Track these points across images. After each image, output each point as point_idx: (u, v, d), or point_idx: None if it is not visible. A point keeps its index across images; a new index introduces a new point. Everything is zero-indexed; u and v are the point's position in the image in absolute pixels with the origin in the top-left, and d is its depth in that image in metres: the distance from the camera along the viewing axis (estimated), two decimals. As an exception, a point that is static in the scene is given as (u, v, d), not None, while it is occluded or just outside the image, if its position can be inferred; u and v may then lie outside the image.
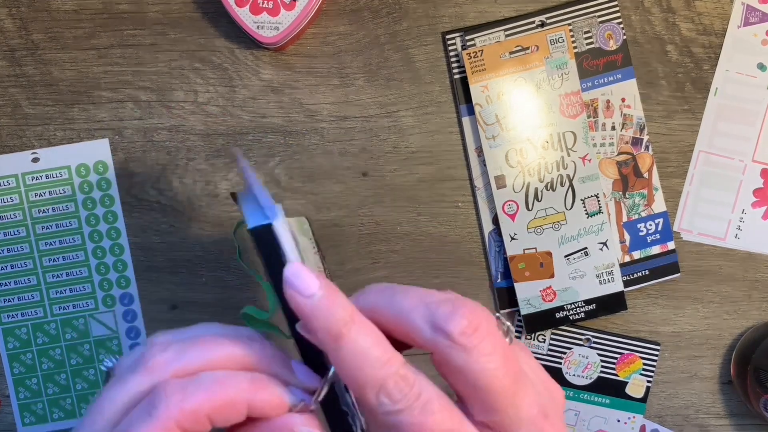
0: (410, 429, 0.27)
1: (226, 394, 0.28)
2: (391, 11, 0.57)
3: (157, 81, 0.57)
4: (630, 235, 0.57)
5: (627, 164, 0.57)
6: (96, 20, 0.56)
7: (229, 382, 0.28)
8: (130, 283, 0.57)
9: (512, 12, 0.56)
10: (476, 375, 0.27)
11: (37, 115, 0.57)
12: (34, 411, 0.58)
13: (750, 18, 0.57)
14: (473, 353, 0.27)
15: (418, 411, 0.27)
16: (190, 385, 0.28)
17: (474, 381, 0.27)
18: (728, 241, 0.57)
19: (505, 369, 0.27)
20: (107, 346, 0.57)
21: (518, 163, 0.56)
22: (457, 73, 0.57)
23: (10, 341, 0.57)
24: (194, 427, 0.28)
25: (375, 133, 0.57)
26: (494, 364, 0.27)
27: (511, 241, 0.56)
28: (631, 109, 0.56)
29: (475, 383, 0.27)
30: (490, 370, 0.27)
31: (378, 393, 0.27)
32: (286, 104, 0.57)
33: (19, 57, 0.57)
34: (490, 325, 0.28)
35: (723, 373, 0.58)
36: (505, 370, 0.27)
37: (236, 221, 0.57)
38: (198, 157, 0.57)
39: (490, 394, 0.27)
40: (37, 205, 0.57)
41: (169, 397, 0.27)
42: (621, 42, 0.56)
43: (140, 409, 0.28)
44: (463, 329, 0.27)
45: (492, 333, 0.28)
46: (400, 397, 0.27)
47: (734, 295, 0.57)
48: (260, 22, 0.53)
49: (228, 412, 0.28)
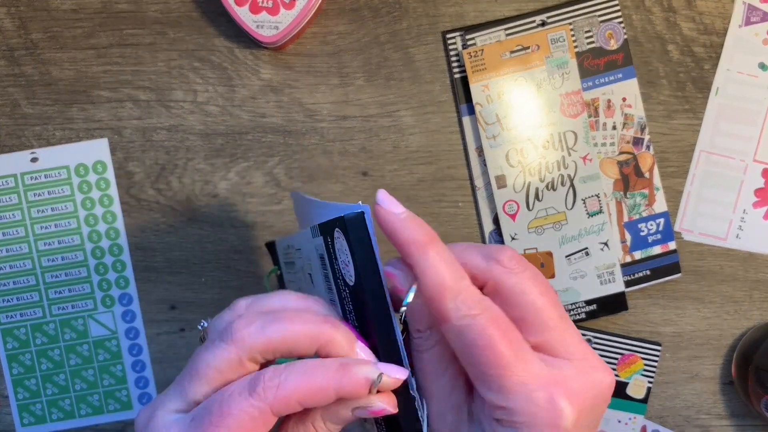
0: (479, 332, 0.31)
1: (317, 381, 0.31)
2: (391, 10, 0.56)
3: (156, 80, 0.56)
4: (631, 235, 0.57)
5: (628, 164, 0.57)
6: (95, 19, 0.56)
7: (319, 371, 0.32)
8: (129, 284, 0.57)
9: (513, 11, 0.56)
10: (527, 293, 0.32)
11: (36, 114, 0.57)
12: (33, 411, 0.58)
13: (751, 17, 0.56)
14: (522, 275, 0.32)
15: (486, 319, 0.31)
16: (285, 374, 0.31)
17: (526, 298, 0.32)
18: (729, 241, 0.57)
19: (551, 292, 0.33)
20: (106, 346, 0.57)
21: (519, 162, 0.56)
22: (457, 72, 0.56)
23: (9, 341, 0.57)
24: (286, 410, 0.31)
25: (375, 133, 0.57)
26: (540, 283, 0.32)
27: (511, 241, 0.56)
28: (632, 108, 0.56)
29: (526, 301, 0.32)
30: (539, 287, 0.32)
31: (456, 299, 0.31)
32: (285, 104, 0.57)
33: (18, 56, 0.56)
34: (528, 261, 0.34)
35: (724, 374, 0.57)
36: (552, 293, 0.33)
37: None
38: (197, 157, 0.57)
39: (542, 310, 0.32)
40: (35, 205, 0.57)
41: (267, 381, 0.31)
42: (622, 41, 0.56)
43: (241, 385, 0.32)
44: (510, 256, 0.33)
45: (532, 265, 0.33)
46: (473, 304, 0.31)
47: (735, 295, 0.57)
48: (260, 21, 0.53)
49: (318, 397, 0.31)
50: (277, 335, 0.32)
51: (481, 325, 0.31)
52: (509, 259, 0.33)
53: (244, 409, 0.31)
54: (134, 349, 0.57)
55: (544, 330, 0.32)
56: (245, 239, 0.57)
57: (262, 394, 0.31)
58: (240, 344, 0.32)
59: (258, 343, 0.32)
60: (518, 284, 0.32)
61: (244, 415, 0.31)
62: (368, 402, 0.32)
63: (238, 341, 0.32)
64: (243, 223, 0.57)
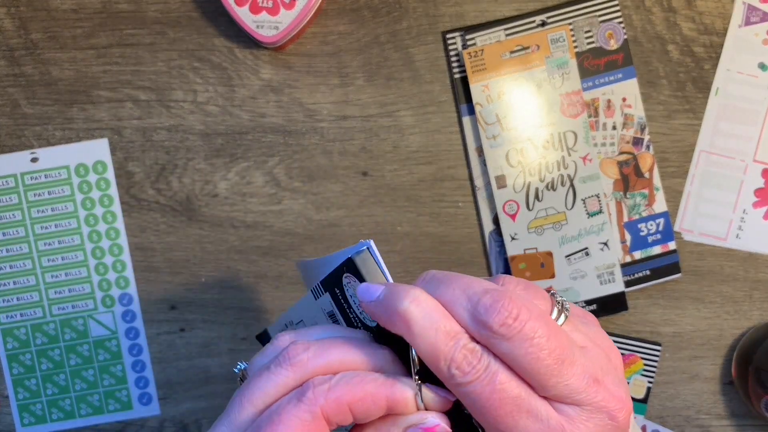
0: (480, 398, 0.29)
1: (367, 387, 0.31)
2: (391, 10, 0.56)
3: (156, 80, 0.56)
4: (631, 235, 0.57)
5: (628, 164, 0.57)
6: (95, 19, 0.56)
7: (369, 378, 0.31)
8: (129, 284, 0.57)
9: (513, 11, 0.56)
10: (520, 360, 0.29)
11: (36, 114, 0.57)
12: (33, 411, 0.58)
13: (751, 17, 0.56)
14: (514, 341, 0.29)
15: (486, 382, 0.29)
16: (335, 378, 0.31)
17: (520, 365, 0.30)
18: (729, 241, 0.57)
19: (548, 349, 0.29)
20: (106, 346, 0.57)
21: (519, 162, 0.56)
22: (457, 72, 0.56)
23: (9, 341, 0.57)
24: (337, 416, 0.31)
25: (375, 133, 0.57)
26: (535, 347, 0.29)
27: (511, 241, 0.56)
28: (632, 108, 0.56)
29: (521, 367, 0.30)
30: (532, 353, 0.29)
31: (450, 366, 0.30)
32: (285, 104, 0.57)
33: (18, 56, 0.56)
34: (530, 311, 0.30)
35: (724, 374, 0.57)
36: (548, 351, 0.29)
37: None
38: (197, 157, 0.57)
39: (537, 375, 0.30)
40: (36, 205, 0.57)
41: (317, 386, 0.31)
42: (622, 41, 0.56)
43: (290, 395, 0.31)
44: (502, 321, 0.29)
45: (533, 317, 0.30)
46: (469, 369, 0.29)
47: (735, 295, 0.57)
48: (260, 21, 0.53)
49: (368, 405, 0.31)
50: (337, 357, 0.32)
51: (478, 391, 0.29)
52: (500, 326, 0.29)
53: (295, 414, 0.30)
54: (134, 349, 0.57)
55: (544, 389, 0.30)
56: (245, 239, 0.57)
57: (312, 398, 0.30)
58: (299, 367, 0.32)
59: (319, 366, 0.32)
60: (509, 352, 0.29)
61: (296, 420, 0.30)
62: (421, 418, 0.31)
63: (296, 364, 0.31)
64: (243, 223, 0.57)
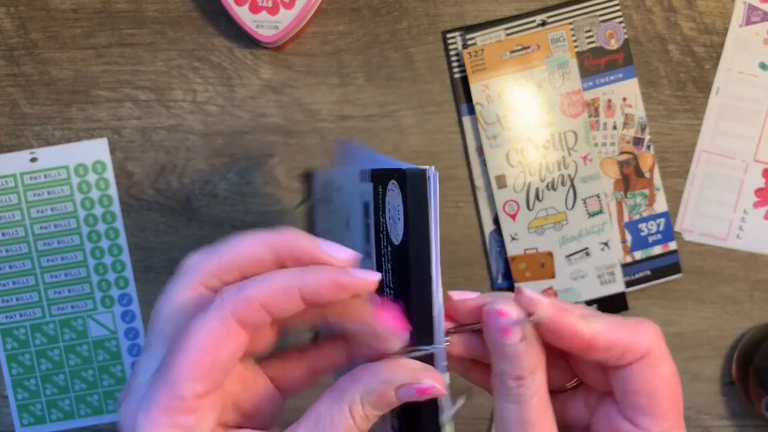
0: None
1: (278, 282, 0.29)
2: (391, 10, 0.56)
3: (155, 80, 0.56)
4: (631, 235, 0.56)
5: (628, 164, 0.56)
6: (94, 19, 0.56)
7: (279, 273, 0.30)
8: (128, 284, 0.57)
9: (513, 11, 0.56)
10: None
11: (35, 114, 0.56)
12: (33, 412, 0.57)
13: (751, 17, 0.56)
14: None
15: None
16: (245, 282, 0.30)
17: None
18: (730, 241, 0.57)
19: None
20: (106, 346, 0.57)
21: (519, 162, 0.56)
22: (457, 72, 0.56)
23: (8, 342, 0.57)
24: (250, 316, 0.29)
25: (375, 133, 0.57)
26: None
27: (511, 241, 0.56)
28: (633, 108, 0.56)
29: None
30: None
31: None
32: (285, 103, 0.56)
33: (18, 56, 0.56)
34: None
35: (725, 374, 0.57)
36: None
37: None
38: (197, 157, 0.57)
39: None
40: (35, 205, 0.57)
41: (225, 292, 0.29)
42: (622, 41, 0.56)
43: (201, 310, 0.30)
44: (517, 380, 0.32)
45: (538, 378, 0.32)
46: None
47: (736, 295, 0.57)
48: (259, 21, 0.53)
49: (282, 299, 0.29)
50: (229, 250, 0.31)
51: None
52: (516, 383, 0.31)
53: (204, 324, 0.29)
54: (134, 349, 0.57)
55: None
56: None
57: (220, 303, 0.29)
58: (192, 271, 0.31)
59: (210, 264, 0.31)
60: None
61: (206, 330, 0.29)
62: (414, 377, 0.30)
63: (189, 269, 0.31)
64: (243, 223, 0.57)
